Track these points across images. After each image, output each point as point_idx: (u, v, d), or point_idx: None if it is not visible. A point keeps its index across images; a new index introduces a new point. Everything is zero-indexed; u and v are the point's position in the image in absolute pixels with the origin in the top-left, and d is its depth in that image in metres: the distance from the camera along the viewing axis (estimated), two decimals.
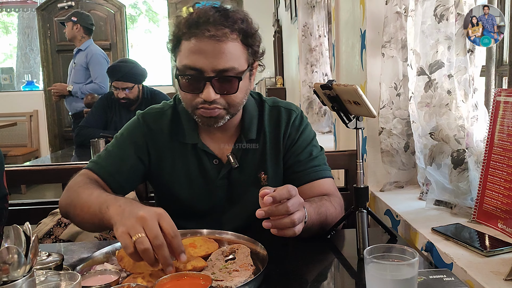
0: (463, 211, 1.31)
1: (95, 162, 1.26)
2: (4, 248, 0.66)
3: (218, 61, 1.11)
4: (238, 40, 1.14)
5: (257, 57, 1.21)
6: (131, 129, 1.31)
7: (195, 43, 1.11)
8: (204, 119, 1.18)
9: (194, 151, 1.27)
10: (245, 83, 1.18)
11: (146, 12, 11.16)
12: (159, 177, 1.29)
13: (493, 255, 1.03)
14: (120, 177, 1.24)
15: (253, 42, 1.18)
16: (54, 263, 0.94)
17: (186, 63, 1.12)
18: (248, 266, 0.96)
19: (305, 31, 3.78)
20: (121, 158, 1.26)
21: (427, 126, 1.42)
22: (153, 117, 1.30)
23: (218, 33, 1.10)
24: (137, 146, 1.27)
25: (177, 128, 1.28)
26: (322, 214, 1.15)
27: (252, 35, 1.17)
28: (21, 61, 9.57)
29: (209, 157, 1.27)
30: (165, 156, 1.27)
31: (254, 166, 1.27)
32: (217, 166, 1.27)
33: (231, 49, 1.12)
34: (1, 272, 0.65)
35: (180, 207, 1.28)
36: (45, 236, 1.49)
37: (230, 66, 1.12)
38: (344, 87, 1.03)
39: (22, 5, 8.71)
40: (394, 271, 0.76)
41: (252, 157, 1.28)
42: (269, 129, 1.29)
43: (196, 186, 1.27)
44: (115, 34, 6.89)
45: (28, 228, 0.73)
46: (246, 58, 1.17)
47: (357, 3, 1.82)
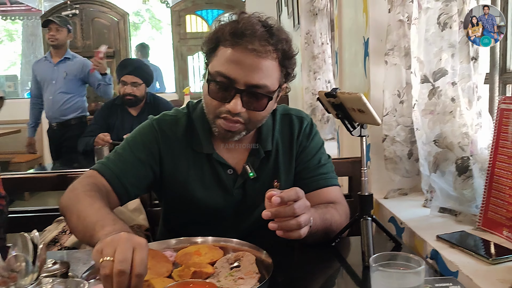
0: (467, 218, 1.31)
1: (103, 164, 1.22)
2: (12, 256, 0.66)
3: (253, 75, 1.09)
4: (276, 60, 1.12)
5: (288, 79, 1.20)
6: (144, 134, 1.26)
7: (234, 53, 1.09)
8: (222, 130, 1.16)
9: (208, 160, 1.25)
10: (272, 102, 1.18)
11: (149, 19, 11.24)
12: (173, 184, 1.26)
13: (499, 263, 1.03)
14: (126, 182, 1.20)
15: (289, 64, 1.17)
16: (60, 271, 0.94)
17: (220, 70, 1.11)
18: (253, 273, 0.96)
19: (307, 38, 3.79)
20: (131, 162, 1.22)
21: (431, 133, 1.42)
22: (168, 123, 1.27)
23: (261, 49, 1.09)
24: (150, 153, 1.23)
25: (192, 137, 1.25)
26: (327, 220, 1.15)
27: (291, 57, 1.16)
28: (25, 69, 9.62)
29: (224, 167, 1.25)
30: (180, 163, 1.25)
31: (269, 175, 1.26)
32: (232, 175, 1.26)
33: (268, 67, 1.11)
34: (9, 279, 0.66)
35: (192, 213, 1.26)
36: (50, 243, 1.49)
37: (263, 83, 1.11)
38: (348, 95, 1.03)
39: (26, 13, 8.77)
40: (400, 279, 0.76)
41: (266, 167, 1.27)
42: (281, 138, 1.29)
43: (211, 195, 1.25)
44: (119, 42, 6.93)
45: (35, 236, 0.73)
46: (279, 78, 1.15)
47: (360, 11, 1.83)
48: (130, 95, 3.09)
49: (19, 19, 9.12)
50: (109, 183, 1.18)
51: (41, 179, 1.71)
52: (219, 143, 1.26)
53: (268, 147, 1.26)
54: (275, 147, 1.28)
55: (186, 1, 7.16)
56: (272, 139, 1.27)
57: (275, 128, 1.29)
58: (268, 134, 1.27)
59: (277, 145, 1.28)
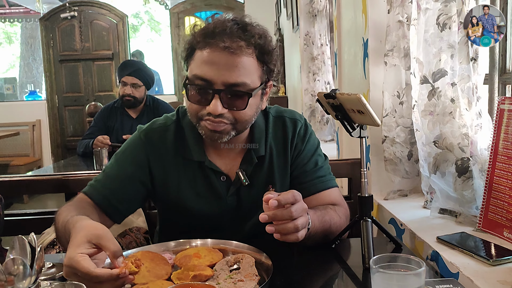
0: (468, 219, 1.30)
1: (91, 186, 1.21)
2: (10, 259, 0.65)
3: (229, 74, 1.07)
4: (253, 56, 1.10)
5: (271, 76, 1.17)
6: (132, 148, 1.24)
7: (208, 54, 1.08)
8: (208, 132, 1.13)
9: (200, 168, 1.22)
10: (255, 100, 1.15)
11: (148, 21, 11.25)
12: (165, 195, 1.25)
13: (500, 264, 1.02)
14: (116, 202, 1.19)
15: (269, 59, 1.13)
16: (58, 274, 0.94)
17: (197, 73, 1.09)
18: (253, 276, 0.95)
19: (307, 40, 3.79)
20: (120, 181, 1.20)
21: (430, 134, 1.41)
22: (157, 133, 1.24)
23: (233, 45, 1.06)
24: (138, 167, 1.22)
25: (182, 145, 1.22)
26: (326, 222, 1.14)
27: (269, 52, 1.13)
28: (24, 71, 9.63)
29: (217, 174, 1.23)
30: (171, 174, 1.22)
31: (263, 181, 1.24)
32: (226, 182, 1.23)
33: (245, 64, 1.08)
34: (7, 283, 0.65)
35: (188, 223, 1.24)
36: (48, 246, 1.48)
37: (241, 81, 1.08)
38: (347, 96, 1.03)
39: (25, 15, 8.79)
40: (400, 281, 0.75)
41: (261, 172, 1.24)
42: (275, 141, 1.26)
43: (204, 203, 1.23)
44: (118, 44, 6.93)
45: (33, 239, 0.73)
46: (259, 75, 1.13)
47: (359, 12, 1.83)
48: (129, 96, 3.08)
49: (17, 21, 9.13)
50: (98, 206, 1.18)
51: (40, 181, 1.70)
52: (211, 150, 1.23)
53: (262, 152, 1.23)
54: (269, 152, 1.25)
55: (185, 3, 7.17)
56: (266, 144, 1.25)
57: (268, 132, 1.26)
58: (261, 139, 1.24)
59: (271, 150, 1.25)
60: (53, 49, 6.88)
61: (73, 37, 6.85)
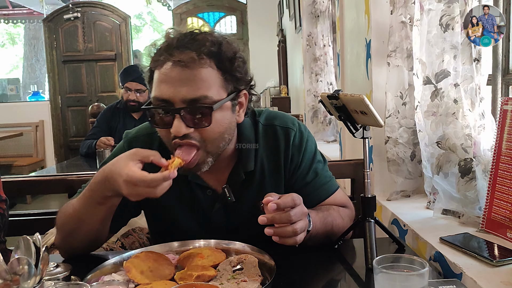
0: (471, 220, 1.30)
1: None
2: (15, 259, 0.66)
3: (186, 89, 0.98)
4: (211, 66, 1.01)
5: (241, 84, 1.07)
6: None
7: (162, 72, 1.00)
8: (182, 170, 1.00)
9: (185, 182, 1.15)
10: (223, 114, 1.04)
11: (151, 22, 11.26)
12: (152, 208, 1.20)
13: (503, 265, 1.02)
14: None
15: (231, 67, 1.04)
16: (62, 274, 0.94)
17: (155, 95, 1.02)
18: (256, 276, 0.96)
19: (309, 40, 3.80)
20: None
21: (433, 135, 1.42)
22: (140, 142, 1.17)
23: (184, 58, 0.98)
24: None
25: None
26: (328, 223, 1.14)
27: (229, 59, 1.04)
28: (27, 72, 9.66)
29: (202, 188, 1.16)
30: None
31: (253, 197, 1.13)
32: (211, 197, 1.16)
33: (202, 76, 0.99)
34: (12, 283, 0.66)
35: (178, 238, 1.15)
36: (52, 246, 1.49)
37: (201, 94, 0.99)
38: (351, 97, 1.03)
39: (28, 16, 8.83)
40: (404, 281, 0.76)
41: (250, 188, 1.16)
42: (266, 154, 1.17)
43: (191, 217, 1.18)
44: (120, 45, 6.95)
45: (38, 239, 0.73)
46: (222, 85, 1.03)
47: (362, 12, 1.83)
48: (134, 101, 3.12)
49: (21, 22, 9.17)
50: None
51: (43, 182, 1.71)
52: None
53: (250, 167, 1.15)
54: (259, 166, 1.16)
55: (188, 4, 7.19)
56: (256, 157, 1.16)
57: (258, 144, 1.17)
58: (249, 152, 1.15)
59: (262, 164, 1.16)
60: (56, 50, 6.91)
61: (76, 38, 6.87)
